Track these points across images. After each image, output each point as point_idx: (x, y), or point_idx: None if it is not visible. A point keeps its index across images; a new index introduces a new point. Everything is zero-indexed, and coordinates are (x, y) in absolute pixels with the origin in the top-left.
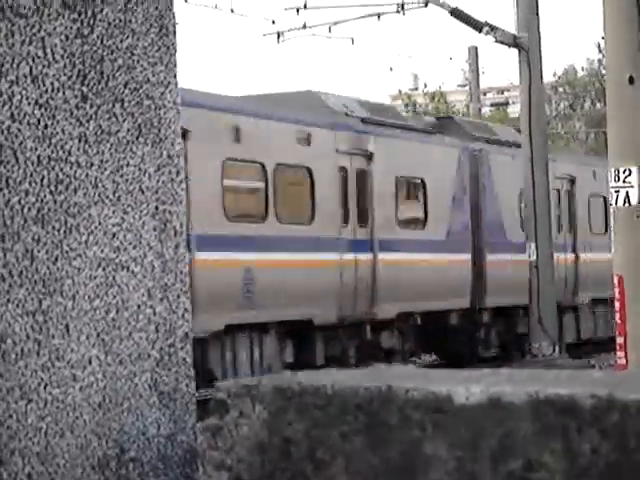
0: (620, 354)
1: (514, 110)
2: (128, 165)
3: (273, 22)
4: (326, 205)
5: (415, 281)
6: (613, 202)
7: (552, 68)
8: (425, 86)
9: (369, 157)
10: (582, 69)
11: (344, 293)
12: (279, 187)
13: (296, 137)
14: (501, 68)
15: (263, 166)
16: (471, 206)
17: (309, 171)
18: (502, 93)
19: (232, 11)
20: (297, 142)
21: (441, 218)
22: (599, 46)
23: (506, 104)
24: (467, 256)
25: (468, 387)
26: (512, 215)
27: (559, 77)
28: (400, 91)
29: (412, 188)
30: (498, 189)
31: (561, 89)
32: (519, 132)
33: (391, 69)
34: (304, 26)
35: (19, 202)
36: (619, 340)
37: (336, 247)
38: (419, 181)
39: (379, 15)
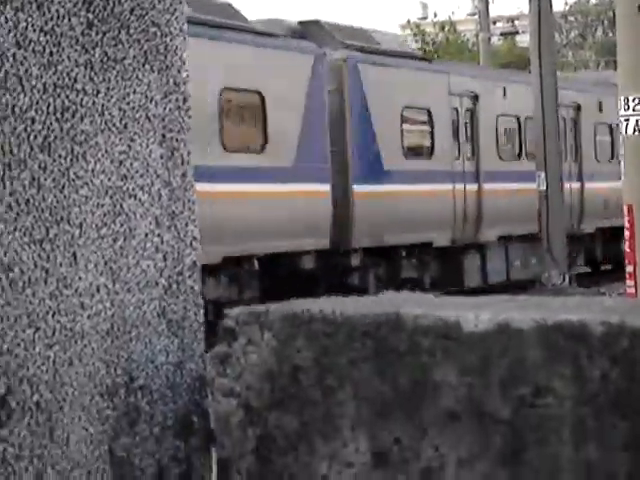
0: (630, 282)
1: (524, 39)
2: (134, 92)
3: None
4: None
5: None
6: (623, 130)
7: None
8: (435, 15)
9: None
10: None
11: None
12: None
13: None
14: None
15: None
16: (332, 127)
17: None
18: (512, 22)
19: None
20: None
21: (285, 141)
22: None
23: (516, 33)
24: (324, 187)
25: (477, 313)
26: (392, 140)
27: (570, 6)
28: (409, 21)
29: (244, 104)
30: (374, 107)
31: (572, 18)
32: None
33: None
34: None
35: (25, 130)
36: (629, 269)
37: None
38: (256, 95)
39: None
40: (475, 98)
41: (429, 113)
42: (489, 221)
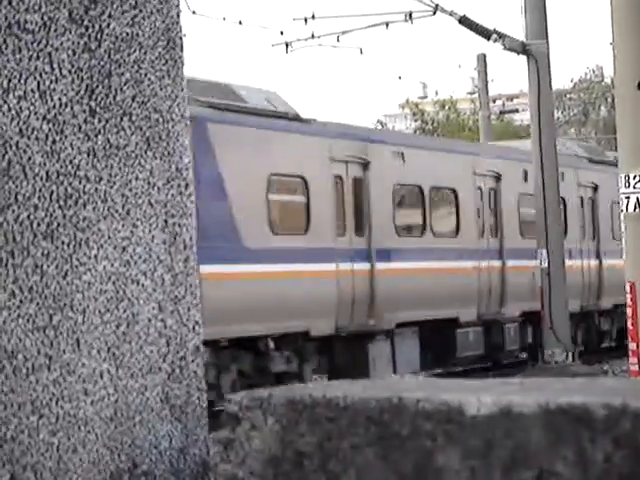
0: (633, 360)
1: (520, 117)
2: (137, 179)
3: (281, 33)
4: None
5: None
6: (623, 208)
7: (566, 73)
8: (436, 94)
9: None
10: (595, 75)
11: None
12: None
13: None
14: (510, 75)
15: None
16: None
17: None
18: (511, 100)
19: (240, 23)
20: None
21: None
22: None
23: (516, 111)
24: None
25: (479, 397)
26: (255, 212)
27: (575, 83)
28: (407, 100)
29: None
30: (231, 176)
31: (574, 95)
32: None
33: (400, 78)
34: (312, 36)
35: (28, 217)
36: (632, 346)
37: None
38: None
39: (387, 24)
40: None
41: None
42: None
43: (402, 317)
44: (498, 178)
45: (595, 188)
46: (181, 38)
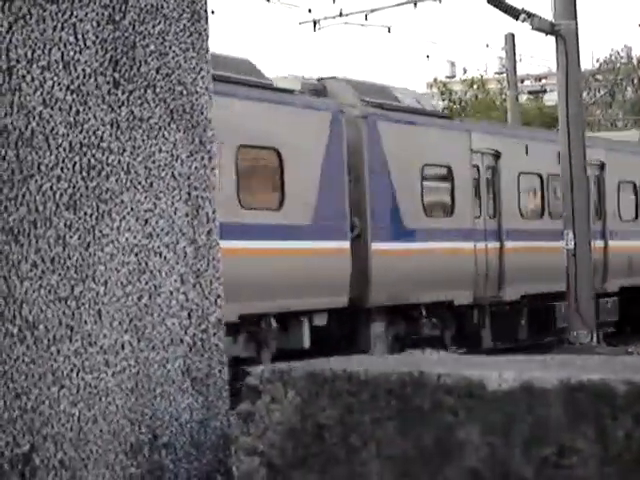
0: None
1: (551, 98)
2: (160, 151)
3: (309, 10)
4: None
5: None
6: None
7: (592, 54)
8: (465, 72)
9: None
10: (625, 56)
11: None
12: None
13: None
14: (538, 55)
15: None
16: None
17: None
18: (539, 80)
19: (268, 0)
20: None
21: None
22: None
23: (544, 92)
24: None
25: (501, 373)
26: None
27: (600, 66)
28: (435, 79)
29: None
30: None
31: (600, 76)
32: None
33: (428, 57)
34: (340, 14)
35: (51, 188)
36: None
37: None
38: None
39: (415, 3)
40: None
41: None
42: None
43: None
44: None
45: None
46: (206, 11)
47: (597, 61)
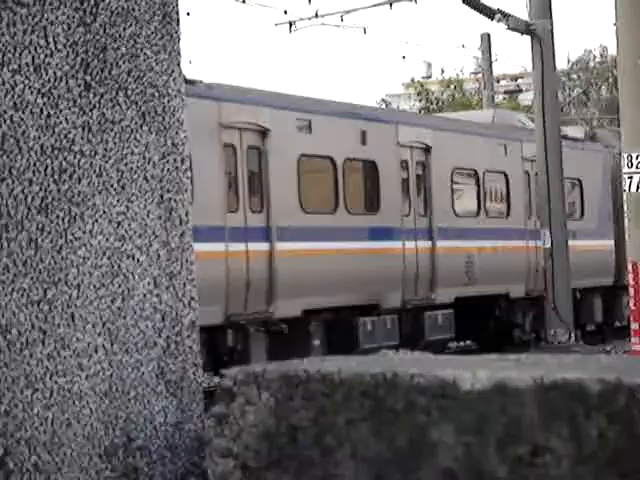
0: (635, 340)
1: (526, 97)
2: (132, 154)
3: (285, 12)
4: None
5: None
6: (626, 188)
7: (566, 54)
8: (442, 72)
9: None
10: (599, 55)
11: None
12: None
13: None
14: (514, 55)
15: None
16: None
17: None
18: (515, 80)
19: (243, 1)
20: None
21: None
22: (616, 31)
23: (519, 91)
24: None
25: (474, 372)
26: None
27: (572, 65)
28: (413, 79)
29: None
30: None
31: (575, 76)
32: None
33: (404, 57)
34: (316, 15)
35: (22, 191)
36: (634, 326)
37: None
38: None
39: (391, 4)
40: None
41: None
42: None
43: None
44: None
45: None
46: (177, 13)
47: (568, 62)
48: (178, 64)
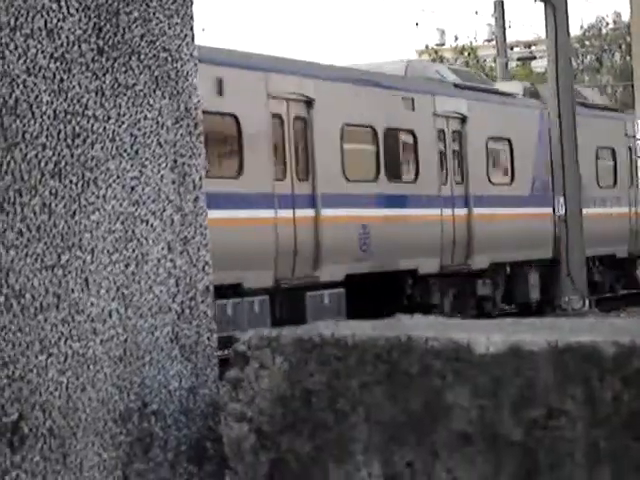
0: None
1: (540, 64)
2: (145, 118)
3: None
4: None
5: None
6: (639, 153)
7: (580, 21)
8: (456, 39)
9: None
10: (613, 22)
11: None
12: None
13: None
14: (528, 22)
15: None
16: None
17: None
18: (529, 47)
19: None
20: None
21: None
22: None
23: (533, 58)
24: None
25: (489, 336)
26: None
27: (585, 32)
28: (427, 46)
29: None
30: None
31: (587, 42)
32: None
33: (417, 24)
34: None
35: (36, 156)
36: None
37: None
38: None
39: None
40: None
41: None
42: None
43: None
44: None
45: (463, 119)
46: None
47: (581, 28)
48: (191, 28)
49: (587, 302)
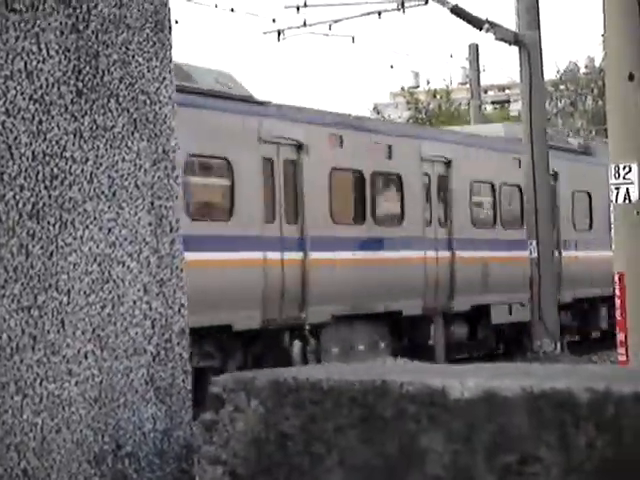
0: (621, 351)
1: (516, 108)
2: (123, 160)
3: (274, 20)
4: None
5: None
6: (613, 199)
7: (554, 65)
8: (428, 83)
9: None
10: (585, 67)
11: None
12: None
13: None
14: (502, 65)
15: None
16: None
17: None
18: (503, 90)
19: (232, 10)
20: None
21: None
22: (602, 43)
23: (507, 102)
24: None
25: (463, 381)
26: None
27: (561, 76)
28: (402, 88)
29: None
30: None
31: (562, 86)
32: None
33: (392, 67)
34: (304, 24)
35: (14, 197)
36: (620, 337)
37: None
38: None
39: (379, 13)
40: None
41: None
42: None
43: None
44: None
45: (448, 163)
46: (169, 20)
47: (558, 72)
48: (170, 71)
49: (559, 346)
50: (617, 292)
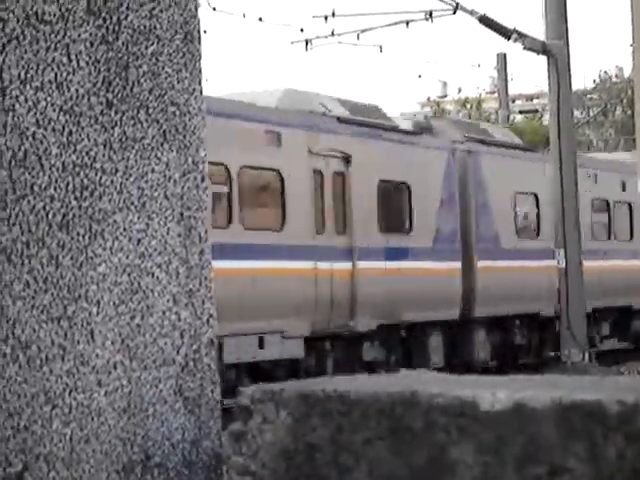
0: None
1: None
2: (153, 171)
3: (301, 30)
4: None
5: None
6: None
7: (583, 74)
8: (459, 91)
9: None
10: (615, 76)
11: None
12: None
13: None
14: (530, 75)
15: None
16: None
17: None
18: (531, 100)
19: (260, 20)
20: None
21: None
22: (633, 53)
23: (535, 111)
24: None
25: (494, 392)
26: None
27: (597, 85)
28: (429, 98)
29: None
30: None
31: (594, 95)
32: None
33: (419, 76)
34: (332, 34)
35: (44, 208)
36: None
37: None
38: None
39: (407, 22)
40: None
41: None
42: None
43: None
44: None
45: (347, 159)
46: (199, 31)
47: (594, 82)
48: (199, 82)
49: (587, 356)
50: None
